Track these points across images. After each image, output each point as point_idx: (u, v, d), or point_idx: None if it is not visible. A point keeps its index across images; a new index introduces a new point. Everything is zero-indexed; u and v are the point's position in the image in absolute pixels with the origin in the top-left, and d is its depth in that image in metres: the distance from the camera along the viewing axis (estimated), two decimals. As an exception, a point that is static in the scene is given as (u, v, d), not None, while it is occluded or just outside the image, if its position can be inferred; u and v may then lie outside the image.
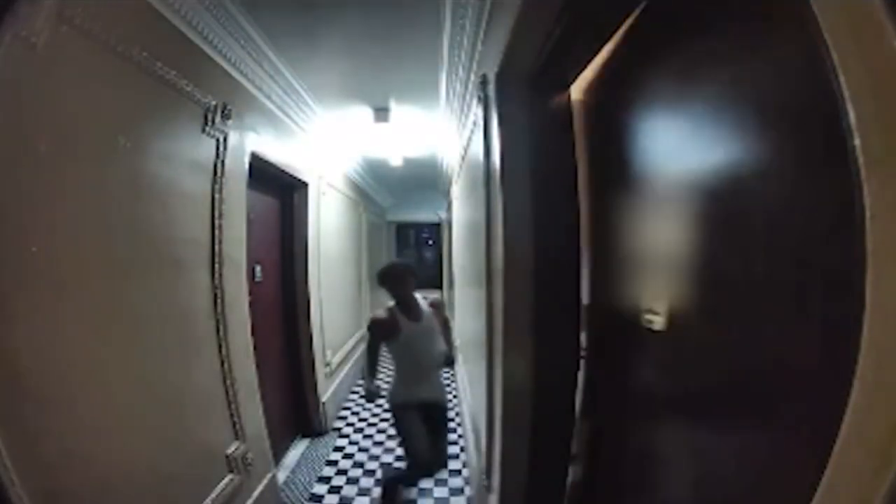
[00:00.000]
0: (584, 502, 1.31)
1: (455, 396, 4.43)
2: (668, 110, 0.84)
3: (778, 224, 0.57)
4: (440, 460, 2.47)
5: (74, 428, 1.17)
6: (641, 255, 0.99)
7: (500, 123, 1.57)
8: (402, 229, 11.05)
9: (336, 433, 3.68)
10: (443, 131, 3.60)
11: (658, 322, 0.88)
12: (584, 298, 1.34)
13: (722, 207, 0.68)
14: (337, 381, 4.21)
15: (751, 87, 0.61)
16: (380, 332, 2.33)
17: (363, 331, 5.76)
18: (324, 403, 3.65)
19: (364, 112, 3.12)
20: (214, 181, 1.95)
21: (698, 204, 0.74)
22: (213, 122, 1.88)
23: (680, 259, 0.81)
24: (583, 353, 1.34)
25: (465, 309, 3.76)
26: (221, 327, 1.98)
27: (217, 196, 1.95)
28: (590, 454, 1.27)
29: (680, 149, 0.78)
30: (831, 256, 0.47)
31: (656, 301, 0.89)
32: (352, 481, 2.97)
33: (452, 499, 2.79)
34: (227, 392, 2.03)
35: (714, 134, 0.69)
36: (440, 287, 10.15)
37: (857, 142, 0.36)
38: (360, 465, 3.19)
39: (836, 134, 0.39)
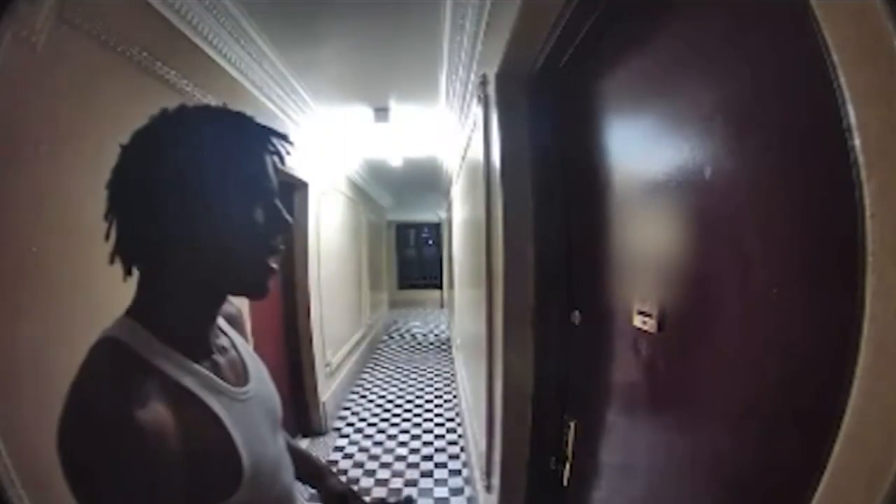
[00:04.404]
0: (580, 502, 1.31)
1: (455, 396, 4.43)
2: (659, 109, 0.84)
3: (775, 224, 0.57)
4: None
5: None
6: (634, 256, 0.99)
7: (500, 123, 1.57)
8: (402, 229, 11.07)
9: (336, 433, 3.68)
10: (443, 131, 3.60)
11: (650, 323, 0.88)
12: (582, 299, 1.34)
13: (717, 207, 0.68)
14: (337, 381, 4.22)
15: (749, 85, 0.61)
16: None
17: (363, 330, 5.77)
18: (324, 403, 3.65)
19: (364, 112, 3.12)
20: (214, 181, 1.95)
21: (693, 204, 0.74)
22: (213, 122, 1.88)
23: (673, 260, 0.81)
24: (581, 353, 1.34)
25: (465, 309, 3.76)
26: (221, 327, 1.97)
27: (217, 196, 1.95)
28: (585, 455, 1.27)
29: (674, 148, 0.78)
30: (830, 256, 0.47)
31: (648, 302, 0.89)
32: (352, 481, 2.97)
33: (452, 499, 2.79)
34: (227, 392, 2.02)
35: (707, 133, 0.69)
36: (440, 287, 10.17)
37: (857, 142, 0.36)
38: (360, 465, 3.19)
39: (836, 133, 0.39)
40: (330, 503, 0.89)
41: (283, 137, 0.62)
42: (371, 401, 4.45)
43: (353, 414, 4.12)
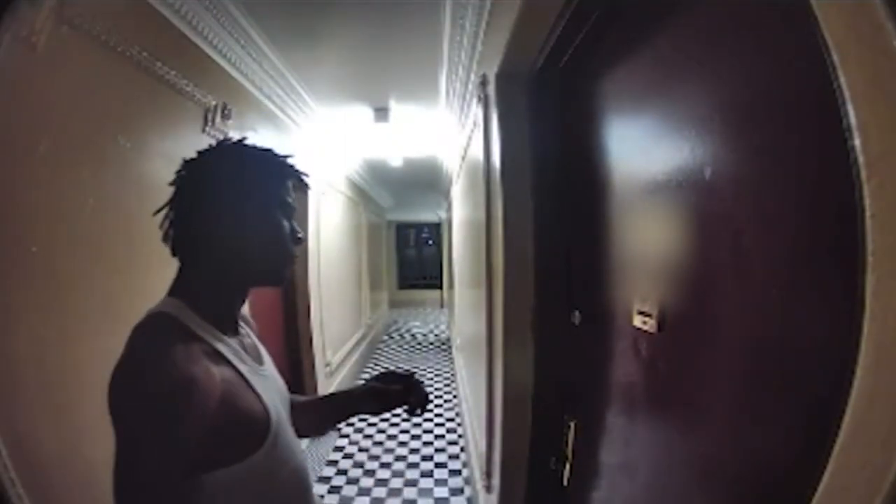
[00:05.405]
0: (580, 502, 1.31)
1: (455, 396, 4.43)
2: (658, 109, 0.84)
3: (774, 224, 0.57)
4: None
5: (75, 428, 1.17)
6: (634, 256, 0.99)
7: (500, 123, 1.57)
8: (402, 229, 11.08)
9: (336, 433, 3.68)
10: (443, 131, 3.60)
11: (650, 323, 0.88)
12: (582, 299, 1.34)
13: (717, 207, 0.68)
14: (337, 380, 4.22)
15: (749, 85, 0.61)
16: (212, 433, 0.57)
17: (363, 330, 5.77)
18: (324, 403, 3.65)
19: (364, 112, 3.12)
20: (214, 181, 1.95)
21: (693, 204, 0.74)
22: (214, 122, 1.88)
23: (673, 260, 0.81)
24: (581, 353, 1.34)
25: (465, 309, 3.76)
26: (221, 327, 1.97)
27: (217, 196, 1.95)
28: (585, 455, 1.27)
29: (674, 148, 0.78)
30: (830, 256, 0.47)
31: (647, 302, 0.89)
32: (352, 481, 2.97)
33: (452, 499, 2.79)
34: (227, 392, 2.02)
35: (707, 133, 0.69)
36: (440, 287, 10.18)
37: (857, 142, 0.36)
38: (360, 465, 3.19)
39: (836, 133, 0.39)
40: (376, 394, 0.95)
41: (304, 175, 0.78)
42: (371, 401, 4.44)
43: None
